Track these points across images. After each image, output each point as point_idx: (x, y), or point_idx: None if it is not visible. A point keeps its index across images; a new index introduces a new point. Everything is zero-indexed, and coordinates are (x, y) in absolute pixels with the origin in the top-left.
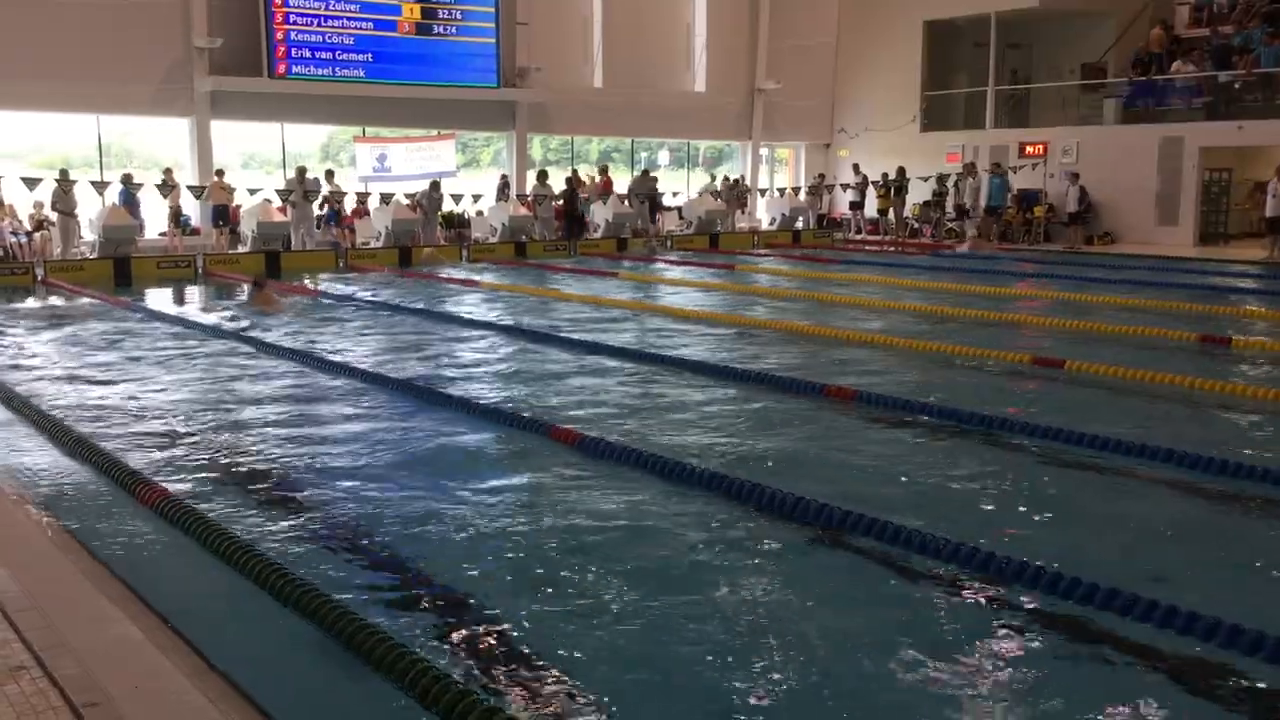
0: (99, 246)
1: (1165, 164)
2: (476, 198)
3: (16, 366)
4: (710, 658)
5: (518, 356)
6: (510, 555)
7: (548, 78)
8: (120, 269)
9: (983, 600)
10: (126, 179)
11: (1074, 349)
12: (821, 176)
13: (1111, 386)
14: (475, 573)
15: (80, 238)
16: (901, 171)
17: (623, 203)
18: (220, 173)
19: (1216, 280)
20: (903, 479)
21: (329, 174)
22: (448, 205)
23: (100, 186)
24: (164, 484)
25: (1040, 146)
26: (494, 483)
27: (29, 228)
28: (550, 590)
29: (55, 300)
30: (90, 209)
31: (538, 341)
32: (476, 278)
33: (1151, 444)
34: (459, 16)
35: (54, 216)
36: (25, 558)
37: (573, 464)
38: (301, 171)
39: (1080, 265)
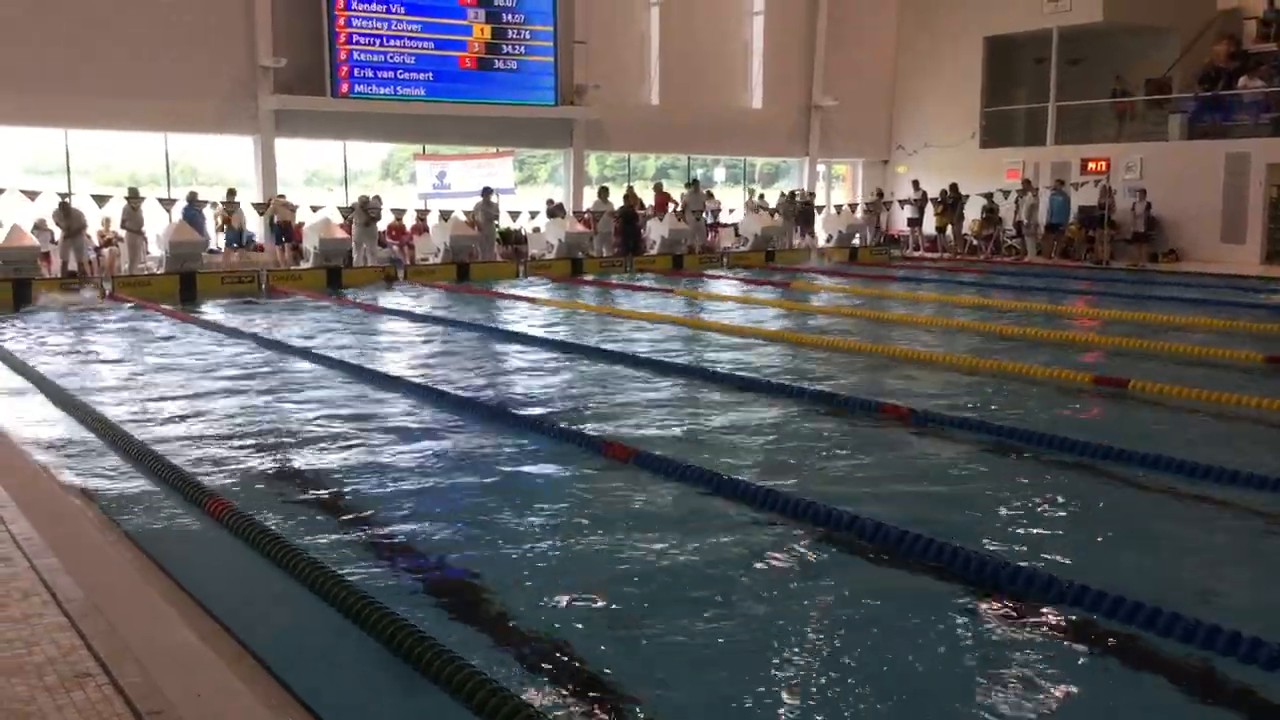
0: (165, 262)
1: (1231, 180)
2: (534, 214)
3: (82, 377)
4: (763, 675)
5: (571, 372)
6: (563, 569)
7: (605, 95)
8: (186, 284)
9: (1049, 625)
10: (192, 197)
11: (1137, 368)
12: (880, 193)
13: (1176, 407)
14: (529, 586)
15: (147, 254)
16: (954, 188)
17: (679, 219)
18: (283, 196)
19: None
20: (960, 499)
21: (230, 191)
22: (505, 221)
23: (167, 204)
24: (226, 493)
25: (1103, 163)
26: (547, 497)
27: (97, 244)
28: (601, 605)
29: (122, 314)
30: (157, 226)
31: (592, 357)
32: (532, 294)
33: (1218, 465)
34: (527, 36)
35: (122, 233)
36: (91, 565)
37: (626, 479)
38: (364, 200)
39: (1143, 284)
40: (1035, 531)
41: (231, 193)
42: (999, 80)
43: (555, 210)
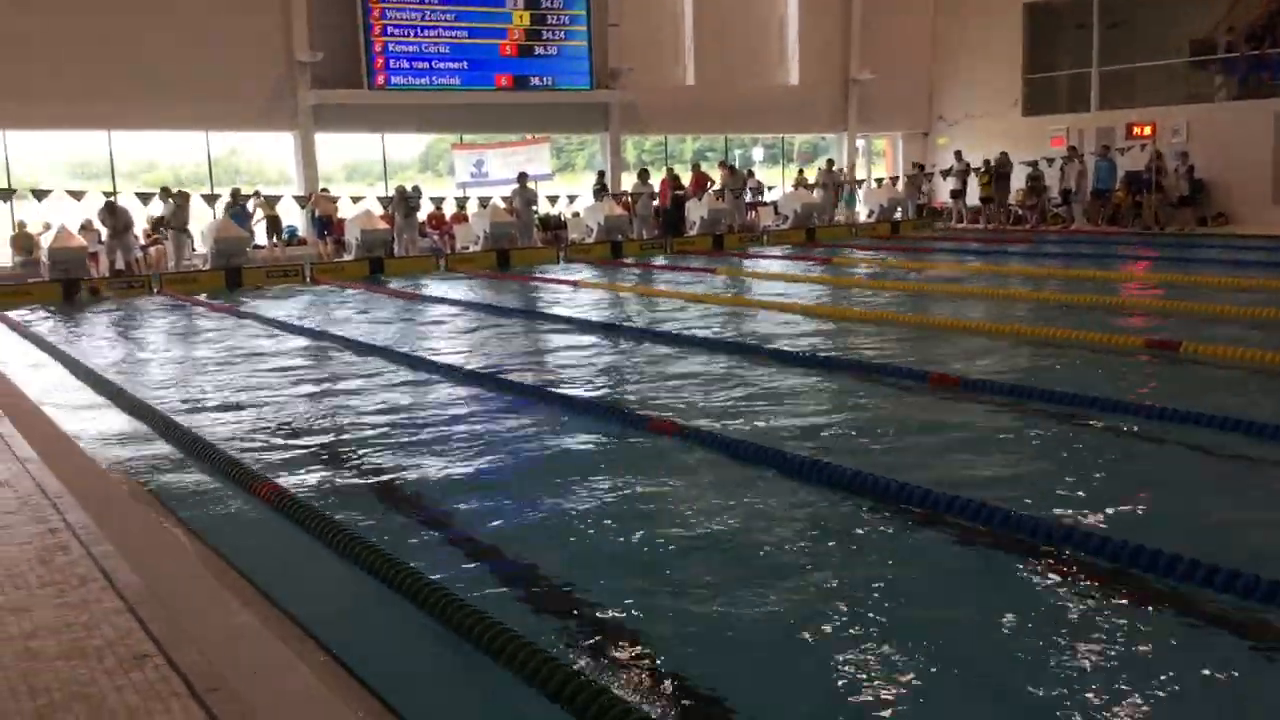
0: (211, 258)
1: None
2: (572, 198)
3: (132, 370)
4: (825, 646)
5: (615, 353)
6: (610, 543)
7: (639, 78)
8: (231, 279)
9: (1102, 586)
10: (235, 193)
11: (1188, 331)
12: (920, 166)
13: (1230, 367)
14: (582, 562)
15: (193, 250)
16: (1005, 157)
17: (718, 199)
18: (325, 191)
19: None
20: (1013, 464)
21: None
22: (543, 207)
23: (210, 200)
24: (276, 478)
25: (1148, 127)
26: (596, 475)
27: (144, 243)
28: (658, 582)
29: (170, 307)
30: (201, 223)
31: (634, 338)
32: (573, 277)
33: (1273, 424)
34: (565, 21)
35: (168, 231)
36: (147, 552)
37: (672, 454)
38: (401, 190)
39: (1191, 247)
40: (1089, 494)
41: (255, 194)
42: (1040, 47)
43: (602, 189)
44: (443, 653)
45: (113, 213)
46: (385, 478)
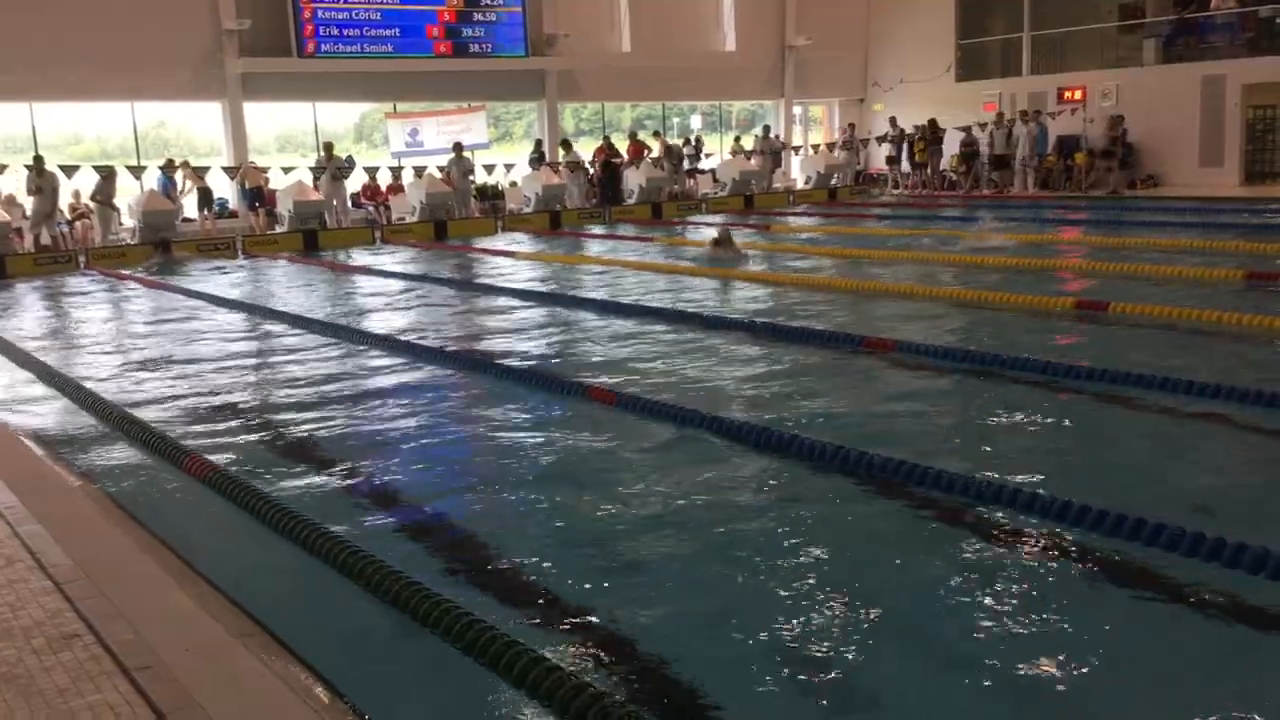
0: (139, 232)
1: (1208, 104)
2: (509, 167)
3: (60, 348)
4: (766, 609)
5: (554, 322)
6: (551, 510)
7: (575, 44)
8: (161, 252)
9: (1033, 541)
10: (169, 163)
11: (1118, 291)
12: (852, 126)
13: (1159, 326)
14: (519, 530)
15: (120, 224)
16: (933, 123)
17: (656, 166)
18: (253, 163)
19: (1263, 218)
20: (946, 425)
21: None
22: (480, 177)
23: (137, 172)
24: (206, 454)
25: (1079, 91)
26: (536, 444)
27: (69, 217)
28: (599, 550)
29: (98, 285)
30: (128, 196)
31: (573, 306)
32: (511, 247)
33: (1200, 380)
34: None
35: (93, 205)
36: (76, 531)
37: (612, 422)
38: (329, 148)
39: (1122, 209)
40: (1020, 452)
41: (184, 164)
42: (972, 12)
43: (539, 158)
44: (380, 625)
45: (41, 172)
46: (322, 452)
